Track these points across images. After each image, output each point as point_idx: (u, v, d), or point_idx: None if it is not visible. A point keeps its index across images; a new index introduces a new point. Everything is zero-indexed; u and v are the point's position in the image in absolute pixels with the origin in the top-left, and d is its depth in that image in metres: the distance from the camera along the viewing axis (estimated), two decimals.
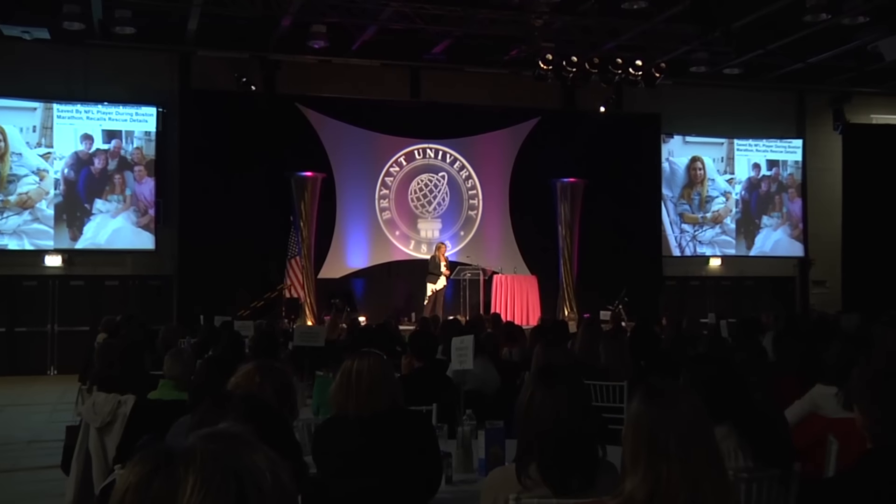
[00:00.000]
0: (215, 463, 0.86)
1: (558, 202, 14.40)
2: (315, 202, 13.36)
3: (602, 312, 12.12)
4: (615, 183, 14.64)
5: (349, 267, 14.09)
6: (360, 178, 14.24)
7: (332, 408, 2.95)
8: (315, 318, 12.90)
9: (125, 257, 13.21)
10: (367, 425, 2.82)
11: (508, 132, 14.82)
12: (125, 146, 13.14)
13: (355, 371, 2.87)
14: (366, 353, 2.96)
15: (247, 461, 0.87)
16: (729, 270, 16.04)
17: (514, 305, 13.23)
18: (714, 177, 16.02)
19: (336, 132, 14.07)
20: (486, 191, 14.80)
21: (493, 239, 14.76)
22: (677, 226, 15.74)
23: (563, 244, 14.37)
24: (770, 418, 2.88)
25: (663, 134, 15.57)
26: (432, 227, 14.59)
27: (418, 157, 14.63)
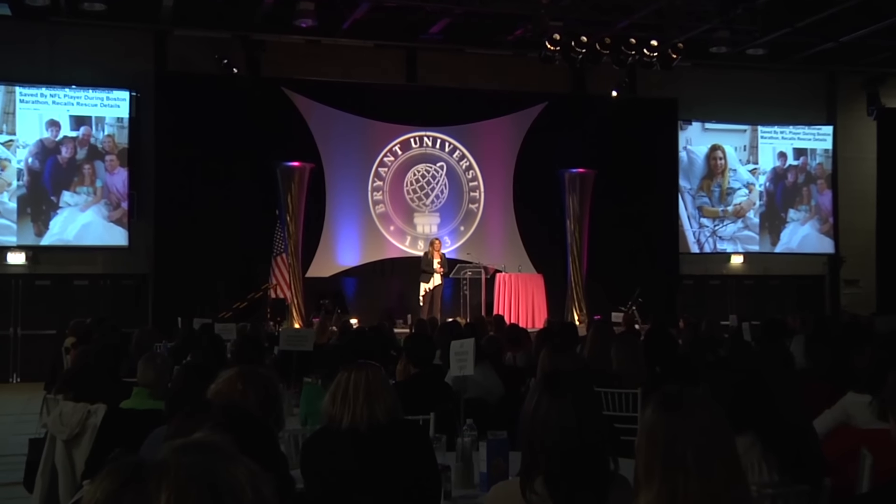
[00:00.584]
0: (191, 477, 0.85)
1: (566, 194, 14.41)
2: (303, 195, 13.37)
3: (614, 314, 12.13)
4: (628, 174, 14.64)
5: (340, 265, 14.10)
6: (352, 168, 14.24)
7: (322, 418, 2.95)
8: (303, 321, 12.91)
9: (95, 255, 13.20)
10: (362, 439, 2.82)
11: (512, 119, 14.81)
12: (95, 133, 13.12)
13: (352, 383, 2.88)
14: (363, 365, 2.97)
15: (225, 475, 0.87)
16: (752, 269, 16.05)
17: (518, 306, 13.23)
18: (736, 167, 16.03)
19: (325, 119, 14.06)
20: (489, 182, 14.81)
21: (496, 234, 14.76)
22: (696, 220, 15.75)
23: (572, 240, 14.38)
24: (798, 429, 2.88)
25: (681, 120, 15.57)
26: (430, 222, 14.59)
27: (415, 146, 14.63)
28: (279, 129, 13.48)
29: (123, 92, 13.19)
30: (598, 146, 14.46)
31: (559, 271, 14.43)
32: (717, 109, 15.72)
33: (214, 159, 13.14)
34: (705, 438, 1.67)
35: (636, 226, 14.74)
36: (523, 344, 7.01)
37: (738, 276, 15.96)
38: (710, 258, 15.82)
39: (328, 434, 2.92)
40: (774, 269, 16.06)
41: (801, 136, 16.31)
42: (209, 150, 13.12)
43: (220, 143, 13.15)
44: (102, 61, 13.13)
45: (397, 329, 11.74)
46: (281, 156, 13.29)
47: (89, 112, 13.10)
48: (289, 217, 13.23)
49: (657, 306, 13.49)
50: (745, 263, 16.05)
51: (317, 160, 13.79)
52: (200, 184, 13.09)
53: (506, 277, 13.43)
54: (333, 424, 2.89)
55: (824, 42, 14.08)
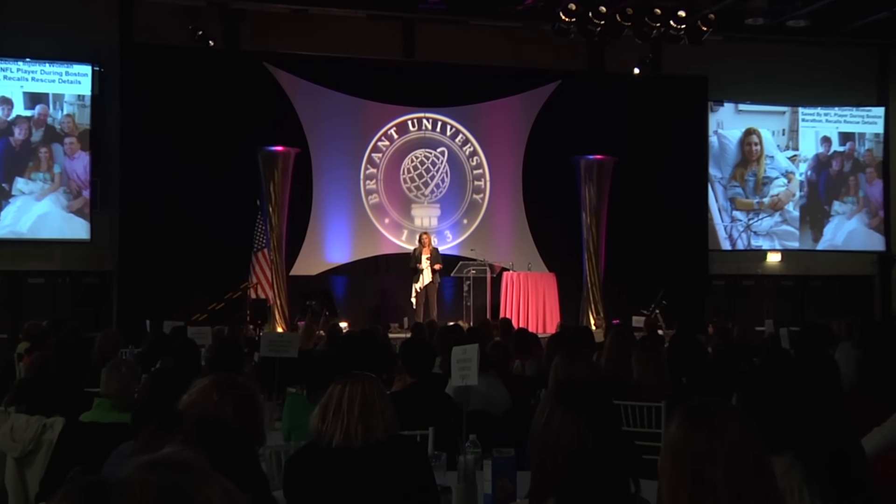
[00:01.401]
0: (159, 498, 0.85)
1: (582, 184, 14.41)
2: (287, 183, 13.37)
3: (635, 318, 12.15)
4: (651, 161, 14.64)
5: (328, 262, 14.11)
6: (342, 153, 14.24)
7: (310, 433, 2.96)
8: (287, 324, 12.94)
9: (53, 249, 13.21)
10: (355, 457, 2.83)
11: (522, 99, 14.82)
12: (53, 113, 13.12)
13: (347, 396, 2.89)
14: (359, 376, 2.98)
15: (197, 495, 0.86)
16: (791, 268, 16.05)
17: (527, 309, 13.25)
18: (773, 153, 16.02)
19: (312, 98, 14.06)
20: (495, 170, 14.81)
21: (503, 228, 14.77)
22: (727, 213, 15.74)
23: (588, 235, 14.38)
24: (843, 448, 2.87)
25: (711, 101, 15.56)
26: (429, 214, 14.60)
27: (413, 129, 14.63)
28: (260, 109, 13.48)
29: (85, 66, 13.18)
30: (617, 130, 14.45)
31: (574, 270, 14.43)
32: (752, 89, 15.70)
33: (187, 143, 13.14)
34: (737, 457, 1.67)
35: (660, 219, 14.74)
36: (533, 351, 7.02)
37: (776, 277, 15.96)
38: (743, 256, 15.81)
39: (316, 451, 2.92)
40: (816, 269, 16.05)
41: (847, 119, 16.29)
42: (182, 133, 13.12)
43: (193, 125, 13.15)
44: (61, 32, 13.11)
45: (392, 334, 11.77)
46: (262, 139, 13.29)
47: (46, 89, 13.09)
48: (271, 208, 13.24)
49: (683, 310, 13.48)
50: (783, 262, 16.04)
51: (303, 144, 13.79)
52: (172, 170, 13.09)
53: (514, 277, 13.44)
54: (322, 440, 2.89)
55: (875, 12, 14.04)
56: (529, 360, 6.76)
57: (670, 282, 13.89)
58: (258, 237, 13.33)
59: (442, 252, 14.14)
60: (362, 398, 2.90)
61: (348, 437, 2.86)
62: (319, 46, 13.82)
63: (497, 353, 5.76)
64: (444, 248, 14.34)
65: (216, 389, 2.57)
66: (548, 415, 2.26)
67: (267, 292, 13.17)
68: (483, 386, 4.85)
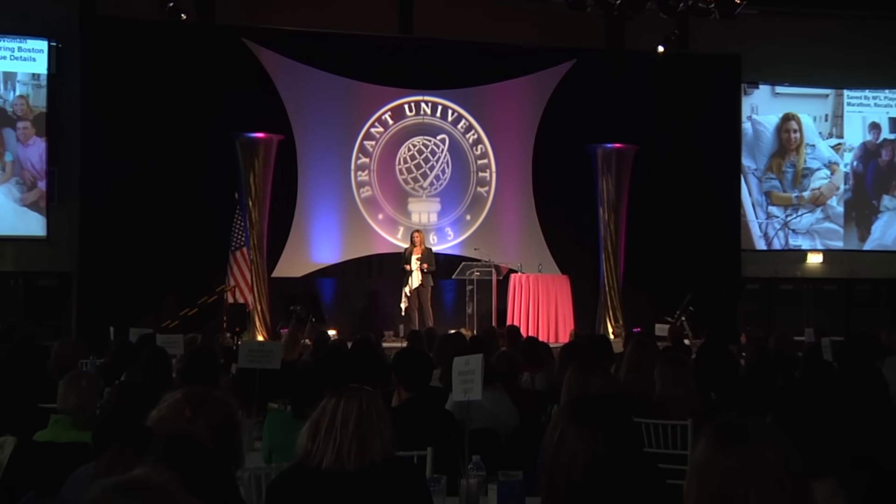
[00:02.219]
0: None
1: (599, 176, 14.41)
2: (269, 174, 13.37)
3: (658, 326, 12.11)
4: (677, 150, 14.64)
5: (315, 262, 14.12)
6: (331, 141, 14.24)
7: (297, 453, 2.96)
8: (268, 332, 12.94)
9: (4, 247, 13.21)
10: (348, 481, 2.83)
11: (532, 80, 14.81)
12: (4, 94, 13.12)
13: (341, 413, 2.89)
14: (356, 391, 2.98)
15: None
16: (834, 270, 16.04)
17: (537, 315, 13.25)
18: (815, 142, 16.01)
19: (298, 78, 14.06)
20: (502, 160, 14.82)
21: (511, 225, 14.78)
22: (763, 209, 15.74)
23: (606, 233, 14.38)
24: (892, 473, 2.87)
25: (745, 83, 15.55)
26: (428, 209, 14.61)
27: (410, 114, 14.63)
28: (239, 90, 13.46)
29: (40, 41, 13.18)
30: (639, 116, 14.45)
31: (589, 272, 14.43)
32: (791, 69, 15.69)
33: (157, 129, 13.13)
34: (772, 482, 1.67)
35: (687, 216, 14.73)
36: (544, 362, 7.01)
37: (817, 280, 15.94)
38: (780, 257, 15.81)
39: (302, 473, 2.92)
40: (863, 272, 16.04)
41: None
42: (150, 118, 13.11)
43: (164, 109, 13.14)
44: (13, 3, 13.11)
45: (386, 343, 11.77)
46: (241, 125, 13.29)
47: None
48: (251, 202, 13.24)
49: (713, 317, 13.48)
50: (825, 264, 16.03)
51: (286, 131, 13.80)
52: (139, 159, 13.08)
53: (522, 279, 13.44)
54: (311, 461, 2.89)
55: None
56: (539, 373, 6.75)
57: (698, 285, 13.88)
58: (236, 234, 13.32)
59: (442, 252, 14.14)
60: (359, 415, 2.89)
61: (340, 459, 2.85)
62: (305, 20, 13.82)
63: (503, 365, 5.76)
64: (444, 247, 14.34)
65: (189, 404, 2.57)
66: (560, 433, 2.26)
67: (246, 296, 13.17)
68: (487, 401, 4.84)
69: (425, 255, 13.08)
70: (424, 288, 13.02)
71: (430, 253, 13.23)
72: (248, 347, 6.21)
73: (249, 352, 6.05)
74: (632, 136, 14.41)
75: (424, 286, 13.02)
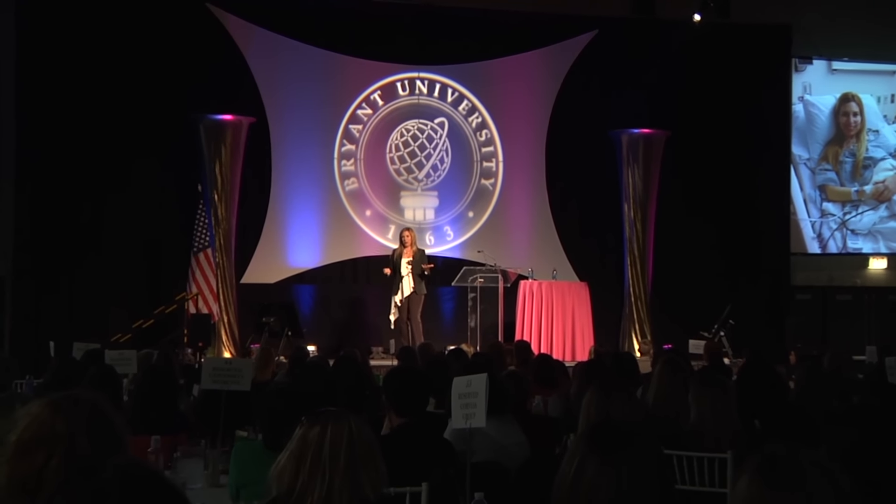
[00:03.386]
0: None
1: (624, 166, 14.39)
2: (238, 163, 13.34)
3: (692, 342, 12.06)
4: (715, 137, 14.64)
5: (291, 266, 14.11)
6: (311, 125, 14.24)
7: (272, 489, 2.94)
8: (236, 348, 12.94)
9: None
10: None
11: (547, 55, 14.81)
12: None
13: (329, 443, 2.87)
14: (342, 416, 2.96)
15: None
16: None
17: (551, 329, 13.22)
18: (878, 126, 16.00)
19: (272, 51, 14.05)
20: (511, 148, 14.81)
21: (520, 224, 14.77)
22: (816, 206, 15.73)
23: (632, 233, 14.36)
24: None
25: (796, 58, 15.55)
26: (423, 205, 14.60)
27: (403, 94, 14.63)
28: (203, 65, 13.46)
29: None
30: (671, 96, 14.46)
31: (612, 278, 14.44)
32: (850, 41, 15.67)
33: (106, 111, 13.12)
34: None
35: (727, 213, 14.73)
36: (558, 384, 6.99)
37: (880, 289, 15.92)
38: (837, 262, 15.80)
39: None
40: None
41: None
42: (100, 96, 13.10)
43: (116, 86, 13.14)
44: None
45: (375, 361, 11.74)
46: (205, 105, 13.25)
47: None
48: (216, 195, 13.21)
49: (757, 332, 13.47)
50: (889, 270, 16.01)
51: (259, 112, 13.78)
52: (84, 147, 13.07)
53: (534, 287, 13.42)
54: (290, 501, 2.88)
55: None
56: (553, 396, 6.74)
57: (740, 295, 13.88)
58: (199, 234, 13.30)
59: (440, 254, 14.13)
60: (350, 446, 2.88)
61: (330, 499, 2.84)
62: None
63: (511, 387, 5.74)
64: (443, 250, 14.33)
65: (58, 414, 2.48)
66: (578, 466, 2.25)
67: (210, 306, 13.15)
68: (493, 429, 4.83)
69: (419, 258, 12.95)
70: (417, 296, 12.91)
71: (423, 255, 13.08)
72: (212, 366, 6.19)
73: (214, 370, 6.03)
74: (662, 120, 14.40)
75: (417, 294, 12.91)
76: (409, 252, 12.96)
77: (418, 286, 12.92)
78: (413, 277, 12.88)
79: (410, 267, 12.87)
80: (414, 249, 13.00)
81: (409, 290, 12.89)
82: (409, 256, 12.93)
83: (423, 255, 13.15)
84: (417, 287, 12.91)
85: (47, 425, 2.43)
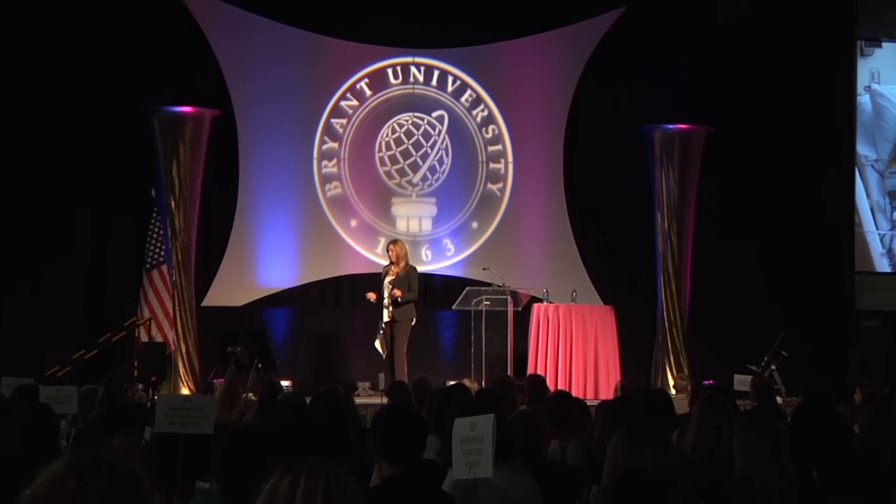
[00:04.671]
0: None
1: (656, 168, 14.41)
2: (199, 163, 13.37)
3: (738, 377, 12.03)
4: (764, 134, 14.66)
5: (261, 286, 14.11)
6: (286, 118, 14.28)
7: None
8: (195, 382, 12.94)
9: None
10: None
11: (565, 36, 14.85)
12: None
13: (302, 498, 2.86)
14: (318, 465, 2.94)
15: None
16: None
17: (570, 360, 13.20)
18: None
19: (240, 31, 14.09)
20: (523, 146, 14.84)
21: (533, 236, 14.79)
22: (886, 215, 15.73)
23: (665, 248, 14.36)
24: None
25: (861, 40, 15.56)
26: (418, 213, 14.61)
27: (395, 82, 14.65)
28: (157, 47, 13.47)
29: None
30: (711, 86, 14.48)
31: (642, 301, 14.48)
32: None
33: (42, 96, 13.16)
34: None
35: (778, 225, 14.71)
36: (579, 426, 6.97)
37: None
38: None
39: None
40: None
41: None
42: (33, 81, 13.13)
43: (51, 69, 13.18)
44: None
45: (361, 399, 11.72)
46: (160, 95, 13.30)
47: None
48: (173, 202, 13.22)
49: (815, 365, 13.44)
50: None
51: (224, 104, 13.80)
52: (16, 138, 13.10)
53: (549, 311, 13.41)
54: None
55: None
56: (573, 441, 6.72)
57: (794, 322, 13.85)
58: (153, 247, 13.26)
59: (439, 272, 14.14)
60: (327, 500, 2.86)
61: None
62: None
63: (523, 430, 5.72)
64: (442, 267, 14.34)
65: (74, 474, 2.52)
66: None
67: (166, 333, 13.11)
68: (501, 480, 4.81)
69: (400, 277, 12.54)
70: (399, 324, 12.54)
71: (407, 275, 12.61)
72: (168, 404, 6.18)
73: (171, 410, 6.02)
74: (702, 114, 14.43)
75: (399, 321, 12.54)
76: (394, 270, 12.63)
77: (398, 312, 12.53)
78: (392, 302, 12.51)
79: (391, 288, 12.52)
80: (401, 267, 12.65)
81: (388, 318, 12.50)
82: (393, 275, 12.58)
83: (414, 273, 12.77)
84: (398, 313, 12.53)
85: (62, 482, 2.46)
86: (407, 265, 12.70)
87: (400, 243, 12.88)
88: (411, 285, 12.59)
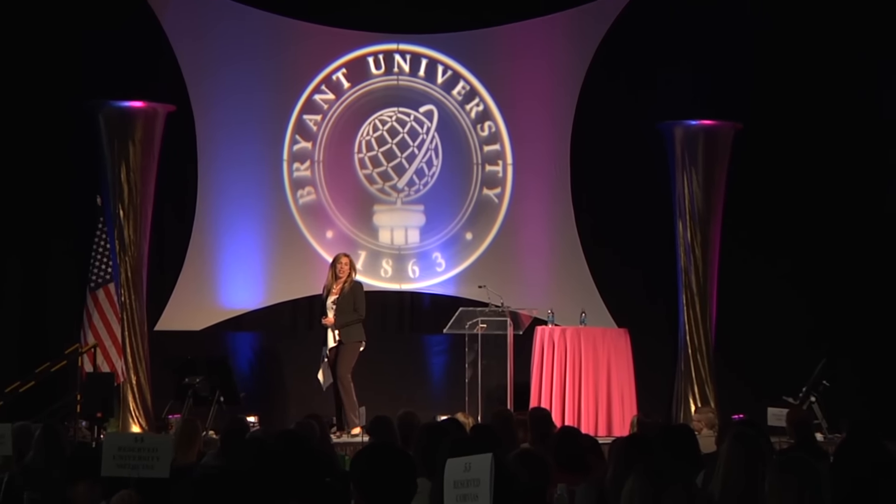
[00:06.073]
0: None
1: (677, 171, 14.42)
2: (151, 167, 13.37)
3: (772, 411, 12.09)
4: (805, 130, 14.66)
5: (223, 308, 14.12)
6: (252, 115, 14.32)
7: None
8: (148, 419, 12.92)
9: None
10: None
11: (572, 21, 14.90)
12: None
13: None
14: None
15: None
16: None
17: (578, 391, 13.22)
18: None
19: (198, 14, 14.16)
20: (524, 146, 14.89)
21: (536, 249, 14.82)
22: None
23: (688, 262, 14.36)
24: None
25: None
26: (404, 222, 14.63)
27: (377, 73, 14.69)
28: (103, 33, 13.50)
29: None
30: (741, 77, 14.52)
31: (661, 324, 14.53)
32: None
33: None
34: None
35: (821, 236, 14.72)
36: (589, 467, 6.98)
37: None
38: None
39: None
40: None
41: None
42: None
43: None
44: None
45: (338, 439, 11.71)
46: (107, 87, 13.33)
47: None
48: (122, 210, 13.21)
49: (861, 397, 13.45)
50: None
51: (181, 98, 13.83)
52: None
53: (555, 335, 13.42)
54: None
55: None
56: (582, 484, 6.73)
57: (837, 348, 13.85)
58: (98, 263, 13.28)
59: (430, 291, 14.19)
60: None
61: None
62: None
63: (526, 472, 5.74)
64: (431, 284, 14.37)
65: None
66: None
67: (113, 361, 13.12)
68: None
69: (345, 295, 12.58)
70: (345, 346, 12.55)
71: (352, 292, 12.67)
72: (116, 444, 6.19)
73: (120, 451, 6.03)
74: (730, 108, 14.47)
75: (345, 343, 12.56)
76: (336, 288, 12.71)
77: (344, 332, 12.59)
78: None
79: (335, 308, 12.62)
80: (346, 282, 12.74)
81: (333, 343, 12.58)
82: (336, 293, 12.67)
83: (360, 290, 12.85)
84: (344, 334, 12.60)
85: None
86: (352, 282, 12.76)
87: (349, 257, 13.00)
88: (356, 305, 12.66)
